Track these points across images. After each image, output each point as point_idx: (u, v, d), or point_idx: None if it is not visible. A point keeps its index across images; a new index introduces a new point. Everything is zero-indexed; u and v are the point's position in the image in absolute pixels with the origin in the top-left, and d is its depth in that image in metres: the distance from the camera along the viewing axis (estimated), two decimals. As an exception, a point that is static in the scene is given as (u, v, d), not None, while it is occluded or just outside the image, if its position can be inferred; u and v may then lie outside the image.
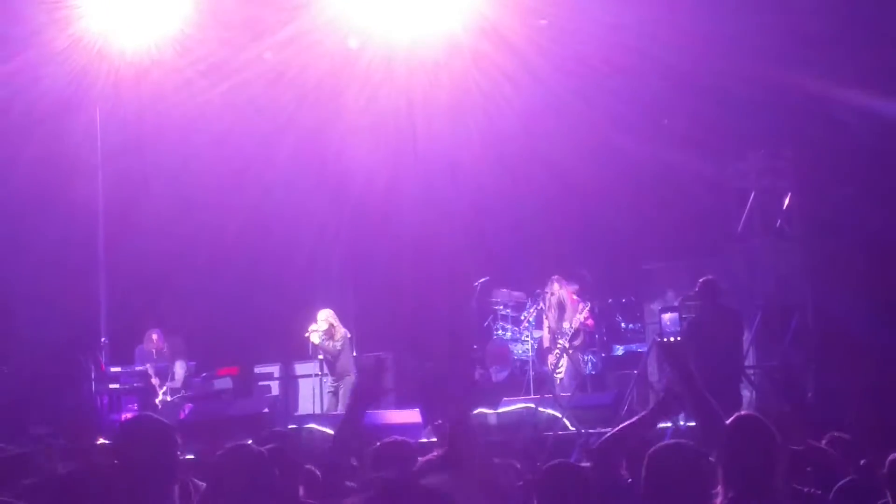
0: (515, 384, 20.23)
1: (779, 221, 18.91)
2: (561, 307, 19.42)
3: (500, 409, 17.78)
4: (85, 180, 21.40)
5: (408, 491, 6.03)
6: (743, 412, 6.67)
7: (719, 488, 6.28)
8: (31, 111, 20.19)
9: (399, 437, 8.17)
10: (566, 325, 19.26)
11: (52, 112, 20.35)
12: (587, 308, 19.37)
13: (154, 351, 20.82)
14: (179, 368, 20.49)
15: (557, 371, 19.24)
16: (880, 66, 17.07)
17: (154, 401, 20.21)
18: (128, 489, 5.89)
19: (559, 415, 17.19)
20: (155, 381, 20.29)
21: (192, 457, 10.48)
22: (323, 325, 20.20)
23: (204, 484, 6.81)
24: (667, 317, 16.05)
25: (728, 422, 6.49)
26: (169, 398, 20.15)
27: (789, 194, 18.79)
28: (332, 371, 20.36)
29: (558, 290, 19.48)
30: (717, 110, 18.36)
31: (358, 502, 5.95)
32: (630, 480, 6.46)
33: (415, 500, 5.97)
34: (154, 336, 20.89)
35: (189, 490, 6.81)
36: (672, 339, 15.44)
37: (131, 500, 5.89)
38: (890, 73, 17.10)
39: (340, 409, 19.85)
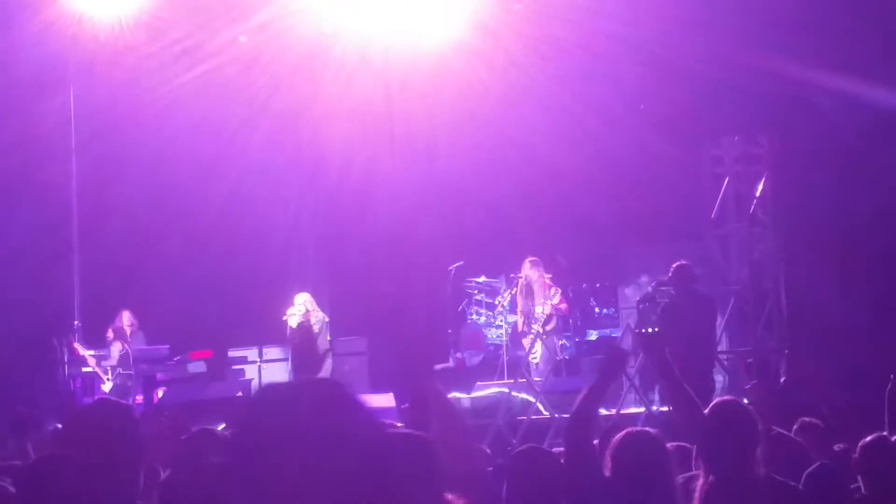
0: (489, 369, 20.28)
1: (753, 207, 18.97)
2: (529, 290, 19.42)
3: (474, 394, 17.83)
4: (59, 164, 21.31)
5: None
6: (726, 397, 6.72)
7: (699, 473, 6.34)
8: (4, 95, 20.09)
9: (388, 422, 8.21)
10: (538, 309, 19.26)
11: (25, 96, 20.26)
12: (559, 293, 19.38)
13: (128, 332, 20.78)
14: (115, 349, 20.41)
15: (532, 355, 19.26)
16: (857, 51, 17.11)
17: (101, 386, 20.18)
18: (90, 475, 5.85)
19: (533, 399, 17.24)
20: (92, 361, 20.24)
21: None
22: (300, 308, 20.21)
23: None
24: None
25: (709, 408, 6.53)
26: (110, 381, 20.11)
27: (764, 180, 18.84)
28: (308, 355, 20.38)
29: (528, 272, 19.46)
30: (693, 95, 18.41)
31: None
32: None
33: None
34: (126, 314, 20.87)
35: (156, 476, 6.75)
36: (650, 329, 15.49)
37: (94, 487, 5.85)
38: (866, 58, 17.15)
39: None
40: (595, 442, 6.92)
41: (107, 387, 20.02)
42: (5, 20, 19.43)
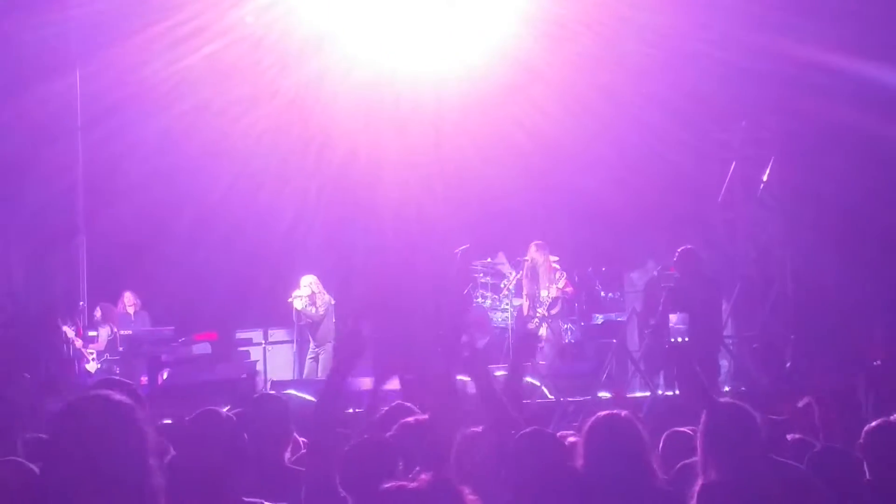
0: (495, 352, 20.25)
1: (760, 191, 18.93)
2: (534, 273, 19.39)
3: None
4: (65, 145, 21.31)
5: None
6: (723, 399, 6.75)
7: (704, 465, 6.37)
8: (11, 76, 20.09)
9: (405, 403, 8.21)
10: (544, 293, 19.24)
11: (32, 77, 20.24)
12: (564, 276, 19.35)
13: (131, 313, 20.85)
14: (104, 332, 20.43)
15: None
16: (865, 34, 17.06)
17: (84, 366, 20.20)
18: (98, 455, 5.85)
19: (538, 383, 17.22)
20: (78, 342, 20.25)
21: (168, 421, 10.48)
22: (305, 290, 20.24)
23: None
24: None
25: (707, 410, 6.55)
26: (98, 364, 20.13)
27: (771, 164, 18.80)
28: (314, 337, 20.38)
29: (534, 255, 19.44)
30: (700, 79, 18.35)
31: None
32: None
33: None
34: (127, 295, 20.93)
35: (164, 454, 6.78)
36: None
37: (107, 464, 5.85)
38: (874, 40, 17.10)
39: (321, 376, 19.89)
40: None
41: (91, 367, 20.06)
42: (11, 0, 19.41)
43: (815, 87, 17.41)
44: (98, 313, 20.58)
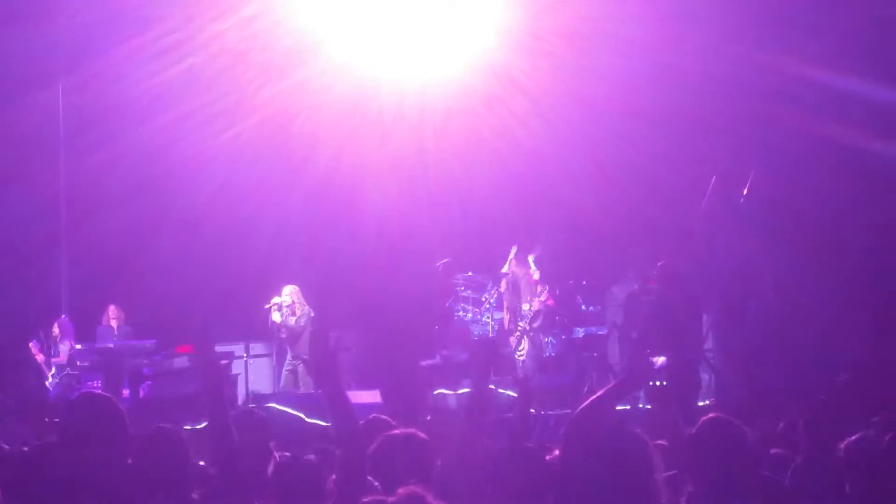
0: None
1: (740, 204, 18.96)
2: (515, 287, 19.40)
3: (461, 391, 17.79)
4: (47, 158, 21.29)
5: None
6: (711, 415, 6.71)
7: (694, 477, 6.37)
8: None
9: (381, 416, 8.18)
10: (525, 306, 19.25)
11: (14, 90, 20.24)
12: (546, 290, 19.35)
13: (114, 326, 20.81)
14: (64, 347, 20.41)
15: (518, 353, 19.24)
16: (844, 47, 17.13)
17: (44, 382, 20.17)
18: (81, 465, 5.88)
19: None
20: (40, 357, 20.22)
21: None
22: (287, 299, 20.18)
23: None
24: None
25: (697, 427, 6.54)
26: (54, 378, 20.11)
27: (752, 176, 18.82)
28: (292, 349, 20.32)
29: (514, 269, 19.44)
30: (681, 91, 18.39)
31: None
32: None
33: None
34: (111, 308, 20.90)
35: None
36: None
37: (85, 476, 5.88)
38: (854, 54, 17.17)
39: (302, 388, 19.84)
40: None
41: (49, 382, 20.05)
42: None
43: (796, 99, 17.48)
44: (56, 329, 20.54)
